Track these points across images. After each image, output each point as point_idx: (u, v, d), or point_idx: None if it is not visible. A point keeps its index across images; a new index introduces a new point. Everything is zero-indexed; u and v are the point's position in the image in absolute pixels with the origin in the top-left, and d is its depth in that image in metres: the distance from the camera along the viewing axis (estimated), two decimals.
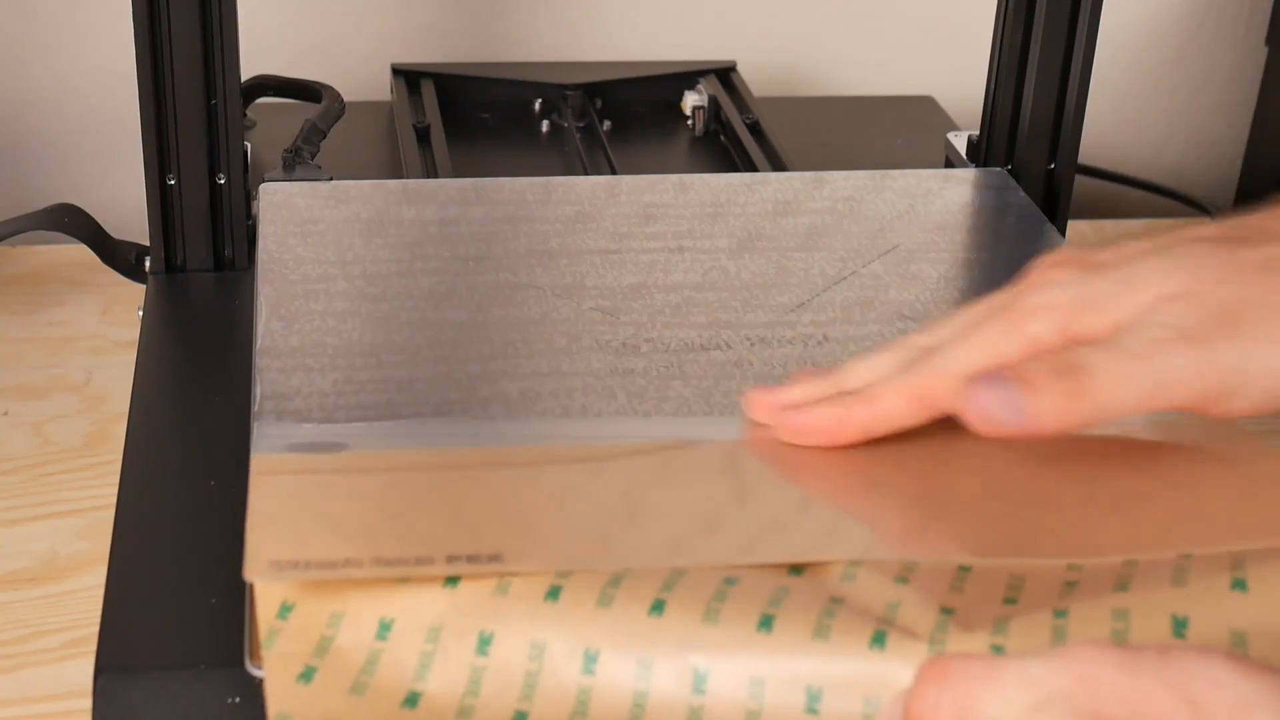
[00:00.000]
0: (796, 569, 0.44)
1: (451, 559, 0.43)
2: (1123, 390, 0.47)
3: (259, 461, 0.49)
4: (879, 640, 0.41)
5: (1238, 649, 0.40)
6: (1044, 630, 0.41)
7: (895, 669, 0.40)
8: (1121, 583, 0.43)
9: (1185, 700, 0.34)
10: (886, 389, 0.50)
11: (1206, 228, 0.51)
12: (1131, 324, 0.48)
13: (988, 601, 0.43)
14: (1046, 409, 0.47)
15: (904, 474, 0.49)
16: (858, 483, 0.49)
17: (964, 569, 0.44)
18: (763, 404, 0.52)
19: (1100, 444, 0.51)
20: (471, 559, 0.44)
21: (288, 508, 0.46)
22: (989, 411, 0.47)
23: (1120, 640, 0.41)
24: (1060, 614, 0.42)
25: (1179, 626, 0.41)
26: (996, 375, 0.47)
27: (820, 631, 0.41)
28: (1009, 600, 0.43)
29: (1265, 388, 0.47)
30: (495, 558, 0.44)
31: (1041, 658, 0.36)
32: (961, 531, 0.47)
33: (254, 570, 0.43)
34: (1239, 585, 0.42)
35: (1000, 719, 0.36)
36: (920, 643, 0.40)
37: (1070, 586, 0.43)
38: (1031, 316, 0.49)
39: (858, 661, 0.40)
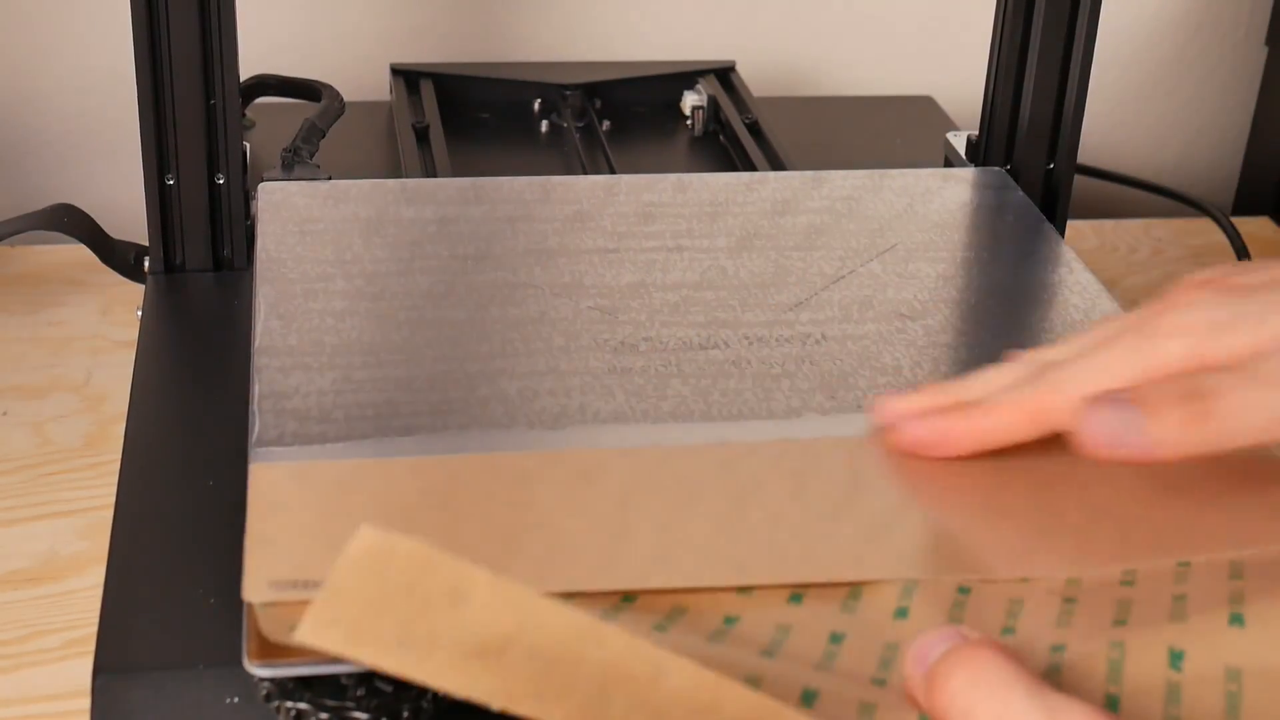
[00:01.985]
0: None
1: None
2: (1250, 418, 0.45)
3: (257, 473, 0.48)
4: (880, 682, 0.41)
5: (1231, 684, 0.40)
6: (1040, 664, 0.41)
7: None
8: (1120, 615, 0.43)
9: None
10: (1005, 403, 0.49)
11: None
12: (1267, 351, 0.46)
13: (986, 629, 0.43)
14: (1167, 434, 0.45)
15: (1009, 492, 0.49)
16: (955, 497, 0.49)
17: (962, 590, 0.44)
18: (890, 409, 0.52)
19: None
20: None
21: (286, 527, 0.46)
22: (1106, 434, 0.46)
23: (1115, 672, 0.41)
24: (1057, 648, 0.42)
25: (1175, 659, 0.41)
26: (1116, 397, 0.46)
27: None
28: (1006, 630, 0.43)
29: None
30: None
31: (1047, 705, 0.36)
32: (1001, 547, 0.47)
33: (253, 590, 0.43)
34: (1237, 621, 0.42)
35: None
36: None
37: (1067, 612, 0.43)
38: (1162, 338, 0.48)
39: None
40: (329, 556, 0.44)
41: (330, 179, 0.68)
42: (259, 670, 0.42)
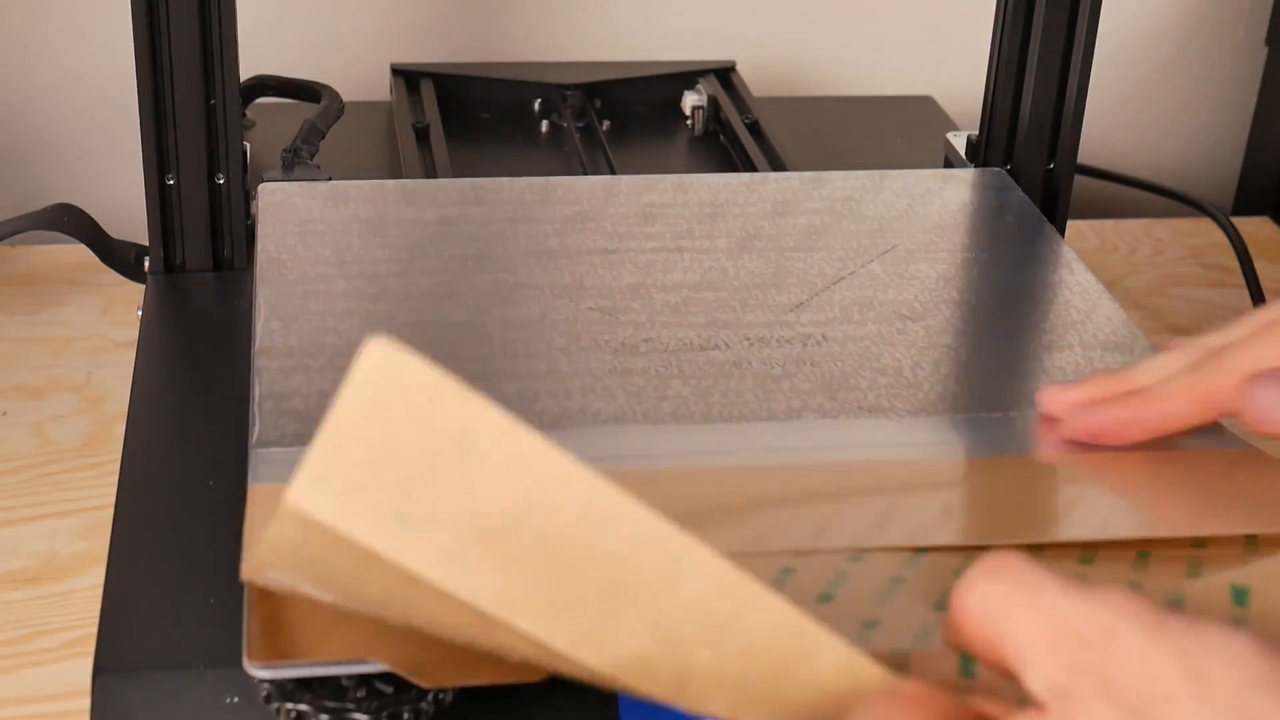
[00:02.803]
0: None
1: None
2: None
3: (256, 492, 0.48)
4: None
5: None
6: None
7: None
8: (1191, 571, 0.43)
9: (1193, 673, 0.34)
10: (1173, 389, 0.50)
11: None
12: None
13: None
14: None
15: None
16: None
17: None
18: (1057, 401, 0.52)
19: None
20: None
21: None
22: (1268, 410, 0.47)
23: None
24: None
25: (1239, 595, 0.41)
26: (1278, 374, 0.47)
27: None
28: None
29: None
30: None
31: (1081, 594, 0.35)
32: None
33: (253, 570, 0.43)
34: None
35: (1022, 644, 0.35)
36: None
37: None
38: None
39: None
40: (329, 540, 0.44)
41: (330, 179, 0.69)
42: (259, 671, 0.42)
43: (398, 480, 0.34)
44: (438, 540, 0.34)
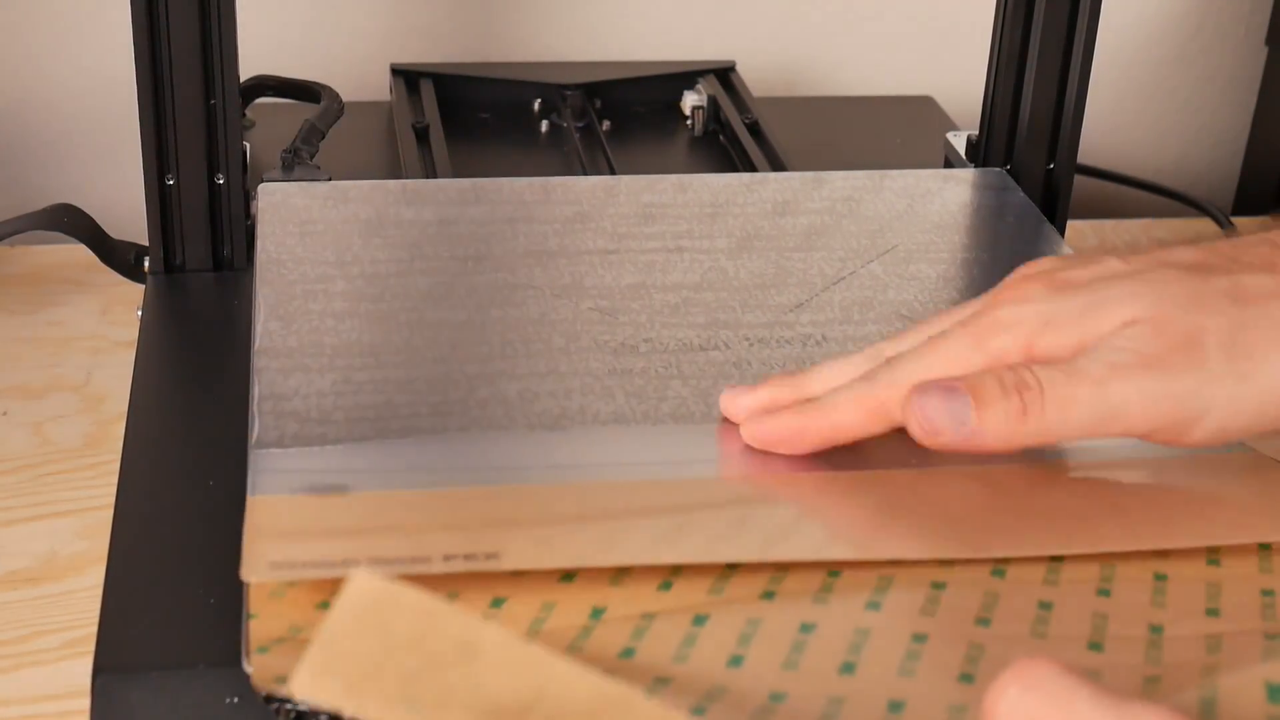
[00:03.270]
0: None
1: (449, 558, 0.44)
2: (1073, 413, 0.46)
3: (255, 502, 0.48)
4: (848, 669, 0.41)
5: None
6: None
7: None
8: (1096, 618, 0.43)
9: None
10: (844, 400, 0.50)
11: (1184, 252, 0.50)
12: (1092, 347, 0.47)
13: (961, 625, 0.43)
14: (992, 424, 0.46)
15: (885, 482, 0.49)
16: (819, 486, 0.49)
17: (936, 586, 0.44)
18: (734, 405, 0.52)
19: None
20: (469, 558, 0.44)
21: (286, 515, 0.46)
22: (933, 421, 0.47)
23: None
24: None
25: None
26: (945, 384, 0.47)
27: (789, 664, 0.41)
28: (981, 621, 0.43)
29: (1222, 421, 0.46)
30: (493, 556, 0.44)
31: (1114, 708, 0.35)
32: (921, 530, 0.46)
33: (252, 569, 0.43)
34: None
35: None
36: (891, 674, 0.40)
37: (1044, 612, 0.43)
38: (995, 332, 0.48)
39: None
40: (326, 537, 0.44)
41: (330, 180, 0.69)
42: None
43: (401, 674, 0.36)
44: (450, 716, 0.36)
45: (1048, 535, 0.47)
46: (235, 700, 0.45)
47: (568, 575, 0.44)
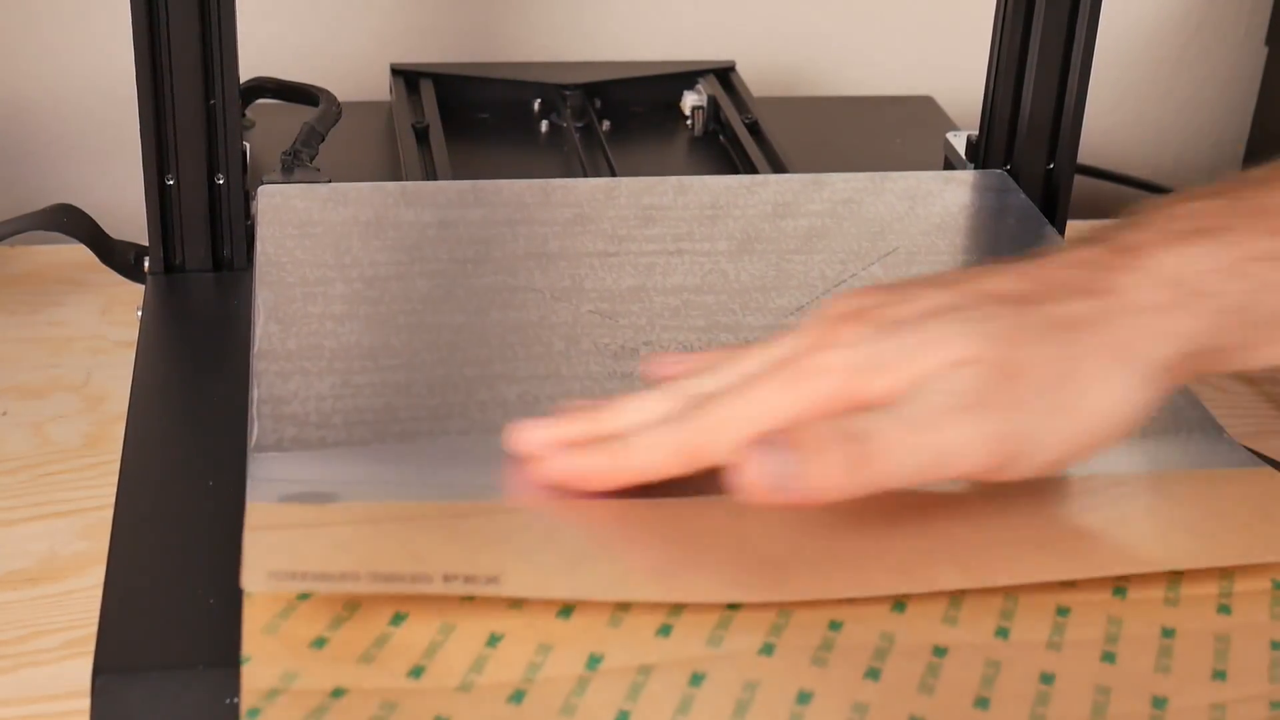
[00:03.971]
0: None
1: (449, 578, 0.43)
2: (903, 461, 0.45)
3: (253, 511, 0.48)
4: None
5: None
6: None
7: None
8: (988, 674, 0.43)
9: None
10: (654, 442, 0.48)
11: (1006, 279, 0.48)
12: (915, 390, 0.46)
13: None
14: (825, 478, 0.45)
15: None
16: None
17: (834, 626, 0.44)
18: (530, 439, 0.49)
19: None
20: (469, 579, 0.43)
21: (284, 523, 0.46)
22: (767, 479, 0.45)
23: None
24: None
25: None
26: (774, 442, 0.45)
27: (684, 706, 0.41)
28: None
29: (1044, 455, 0.46)
30: (493, 580, 0.44)
31: None
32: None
33: (252, 580, 0.43)
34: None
35: None
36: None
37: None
38: (811, 377, 0.47)
39: None
40: (327, 551, 0.44)
41: (330, 182, 0.69)
42: None
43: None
44: None
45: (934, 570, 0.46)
46: (234, 700, 0.45)
47: (565, 610, 0.44)
